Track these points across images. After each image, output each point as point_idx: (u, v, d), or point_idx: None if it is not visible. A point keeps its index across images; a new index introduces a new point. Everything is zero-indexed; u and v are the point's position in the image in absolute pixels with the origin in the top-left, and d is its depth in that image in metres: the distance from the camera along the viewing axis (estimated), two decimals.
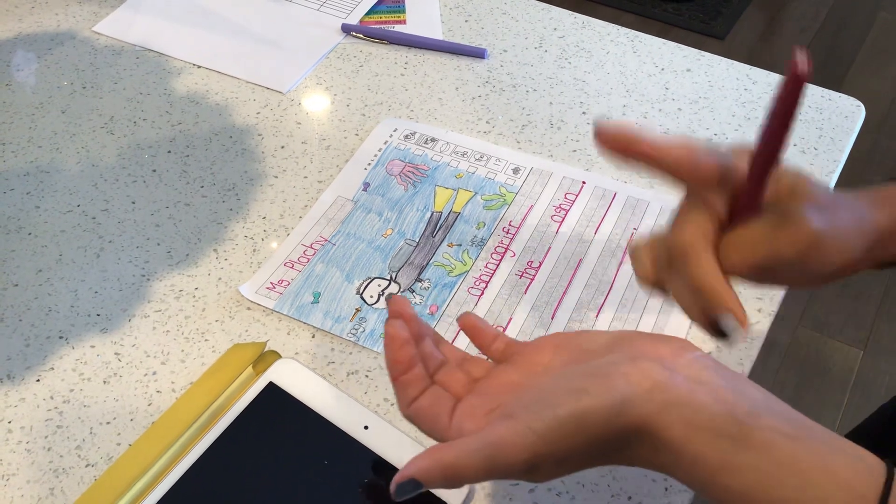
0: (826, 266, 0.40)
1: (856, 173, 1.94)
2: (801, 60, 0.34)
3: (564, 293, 0.59)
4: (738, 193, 0.40)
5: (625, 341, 0.39)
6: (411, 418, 0.41)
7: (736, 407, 0.35)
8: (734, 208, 0.41)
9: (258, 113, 0.73)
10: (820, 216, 0.40)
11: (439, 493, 0.47)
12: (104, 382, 0.54)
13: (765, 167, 0.39)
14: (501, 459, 0.35)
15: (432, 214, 0.64)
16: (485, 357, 0.45)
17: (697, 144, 0.40)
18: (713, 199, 0.40)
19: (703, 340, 0.55)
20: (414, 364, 0.41)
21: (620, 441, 0.36)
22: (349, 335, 0.56)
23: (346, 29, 0.80)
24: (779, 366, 1.60)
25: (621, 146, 0.40)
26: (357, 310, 0.58)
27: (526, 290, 0.59)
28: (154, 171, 0.68)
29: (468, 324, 0.45)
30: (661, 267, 0.42)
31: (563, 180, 0.66)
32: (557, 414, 0.35)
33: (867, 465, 0.34)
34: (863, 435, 0.78)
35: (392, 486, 0.37)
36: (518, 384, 0.41)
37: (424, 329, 0.43)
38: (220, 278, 0.60)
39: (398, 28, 0.80)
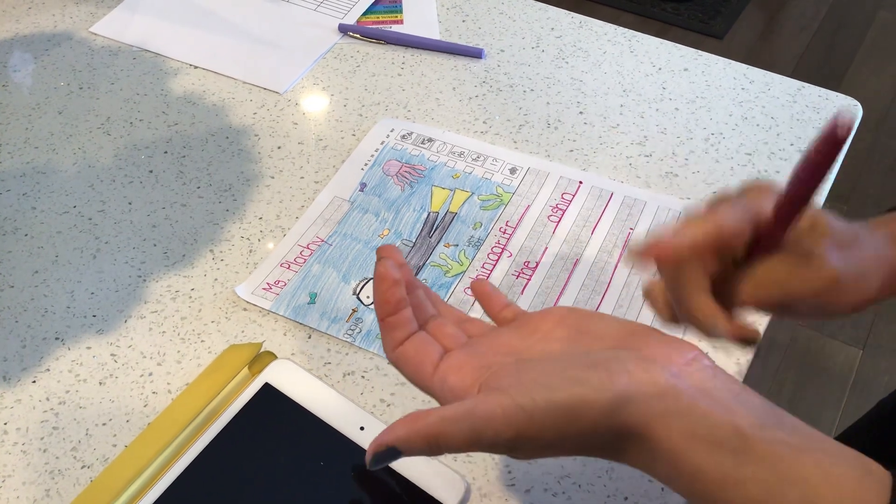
0: (842, 304, 0.41)
1: (855, 172, 1.94)
2: (843, 125, 0.34)
3: (561, 293, 0.59)
4: (759, 230, 0.40)
5: (635, 337, 0.38)
6: (395, 362, 0.40)
7: (740, 419, 0.34)
8: (754, 243, 0.41)
9: (255, 113, 0.73)
10: (839, 256, 0.39)
11: (435, 493, 0.47)
12: (100, 384, 0.54)
13: (792, 212, 0.39)
14: (486, 433, 0.34)
15: (429, 215, 0.64)
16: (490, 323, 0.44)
17: (719, 215, 0.39)
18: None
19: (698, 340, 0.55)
20: (402, 307, 0.40)
21: (613, 439, 0.35)
22: (345, 336, 0.56)
23: (343, 29, 0.80)
24: (778, 365, 1.60)
25: (658, 255, 0.39)
26: (353, 310, 0.58)
27: (522, 291, 0.59)
28: (150, 171, 0.68)
29: (480, 290, 0.45)
30: (671, 305, 0.43)
31: (559, 180, 0.66)
32: (551, 398, 0.34)
33: (873, 476, 0.34)
34: (862, 431, 0.78)
35: (368, 454, 0.36)
36: (512, 346, 0.40)
37: (416, 282, 0.43)
38: (216, 279, 0.60)
39: (395, 28, 0.80)
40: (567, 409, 0.34)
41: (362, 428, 0.50)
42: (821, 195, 0.66)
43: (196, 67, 0.77)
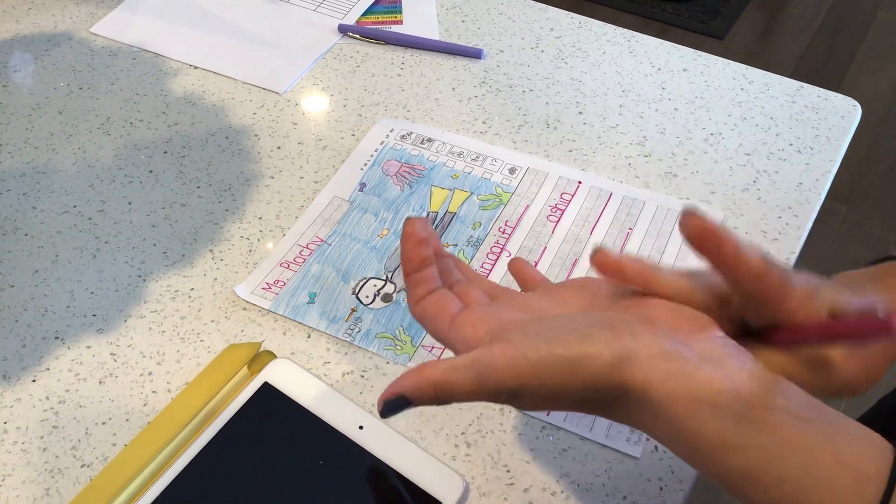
0: (850, 392, 0.40)
1: (855, 172, 1.94)
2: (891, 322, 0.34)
3: None
4: (791, 322, 0.38)
5: (649, 305, 0.39)
6: (416, 316, 0.41)
7: (744, 386, 0.34)
8: (781, 330, 0.39)
9: (255, 113, 0.73)
10: (854, 360, 0.38)
11: (434, 491, 0.47)
12: (100, 383, 0.55)
13: (826, 339, 0.38)
14: (490, 380, 0.35)
15: (428, 214, 0.64)
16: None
17: (779, 267, 0.38)
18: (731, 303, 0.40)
19: None
20: (427, 264, 0.41)
21: (614, 396, 0.35)
22: (345, 335, 0.56)
23: (343, 29, 0.80)
24: None
25: (704, 243, 0.37)
26: (353, 310, 0.58)
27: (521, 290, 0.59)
28: (150, 171, 0.68)
29: (518, 268, 0.46)
30: None
31: (559, 180, 0.66)
32: (554, 350, 0.35)
33: (875, 447, 0.34)
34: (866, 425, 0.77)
35: (379, 403, 0.37)
36: (530, 306, 0.41)
37: (445, 252, 0.44)
38: (215, 279, 0.60)
39: (395, 28, 0.81)
40: (569, 361, 0.35)
41: (361, 427, 0.50)
42: (821, 193, 0.66)
43: (196, 68, 0.77)
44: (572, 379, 0.35)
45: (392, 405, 0.37)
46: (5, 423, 0.53)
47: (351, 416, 0.50)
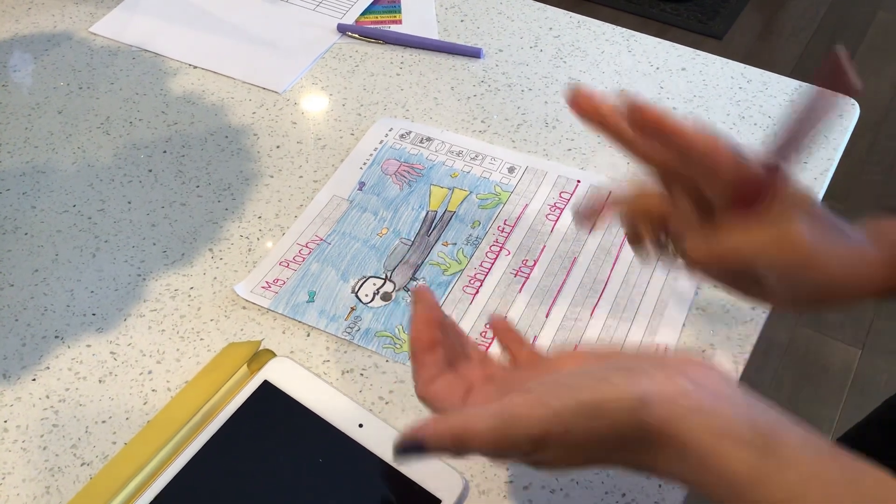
0: (812, 285, 0.41)
1: (854, 172, 1.94)
2: (840, 54, 0.36)
3: (559, 292, 0.59)
4: (741, 188, 0.41)
5: (650, 358, 0.39)
6: (425, 399, 0.41)
7: (759, 420, 0.35)
8: (736, 200, 0.42)
9: (254, 113, 0.73)
10: (815, 231, 0.40)
11: (433, 489, 0.47)
12: (100, 381, 0.55)
13: (777, 165, 0.40)
14: (512, 430, 0.35)
15: (427, 213, 0.64)
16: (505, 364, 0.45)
17: (717, 134, 0.42)
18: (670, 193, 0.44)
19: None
20: (436, 346, 0.41)
21: (638, 440, 0.35)
22: (344, 334, 0.56)
23: (342, 29, 0.80)
24: (777, 365, 1.60)
25: (651, 125, 0.41)
26: (352, 308, 0.58)
27: (521, 289, 0.59)
28: (150, 171, 0.68)
29: (502, 326, 0.47)
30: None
31: (557, 179, 0.66)
32: (576, 396, 0.35)
33: (891, 480, 0.34)
34: (872, 429, 0.77)
35: (395, 444, 0.36)
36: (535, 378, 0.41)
37: (449, 323, 0.44)
38: (215, 277, 0.60)
39: (394, 28, 0.81)
40: (592, 406, 0.35)
41: (361, 425, 0.50)
42: (819, 191, 0.66)
43: (195, 67, 0.77)
44: (595, 424, 0.35)
45: (407, 447, 0.36)
46: (5, 421, 0.53)
47: (350, 414, 0.50)
